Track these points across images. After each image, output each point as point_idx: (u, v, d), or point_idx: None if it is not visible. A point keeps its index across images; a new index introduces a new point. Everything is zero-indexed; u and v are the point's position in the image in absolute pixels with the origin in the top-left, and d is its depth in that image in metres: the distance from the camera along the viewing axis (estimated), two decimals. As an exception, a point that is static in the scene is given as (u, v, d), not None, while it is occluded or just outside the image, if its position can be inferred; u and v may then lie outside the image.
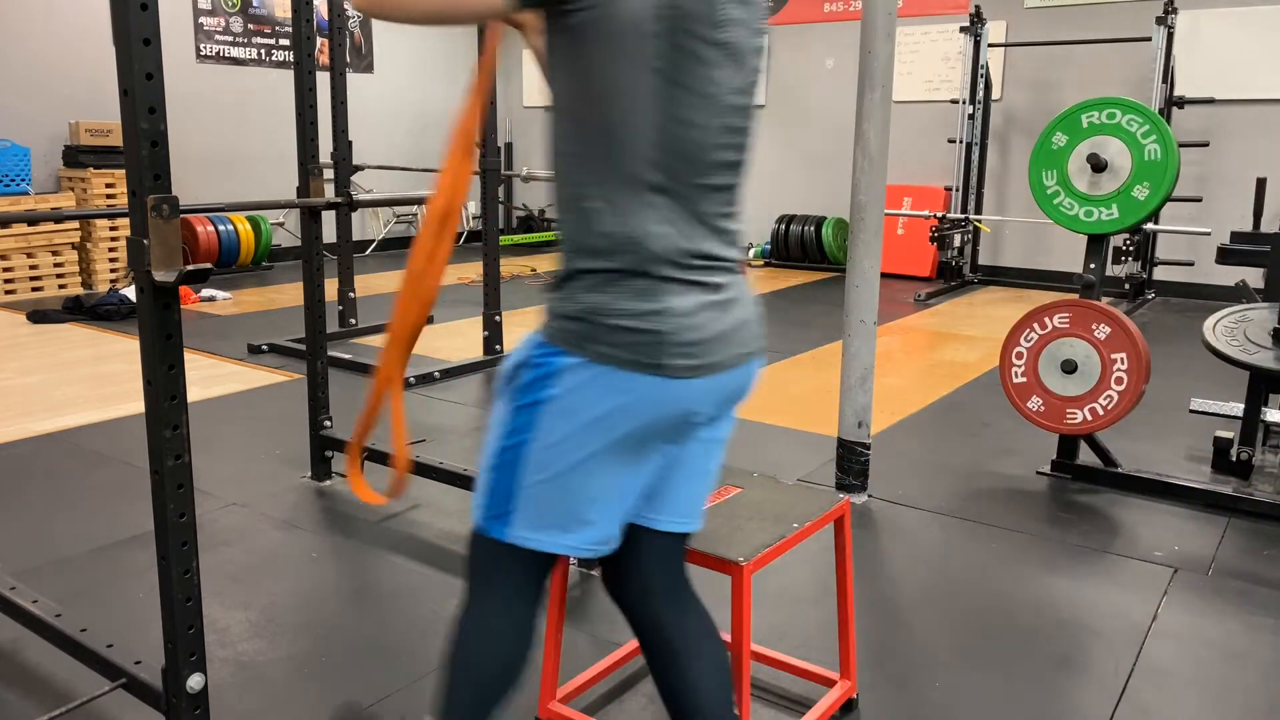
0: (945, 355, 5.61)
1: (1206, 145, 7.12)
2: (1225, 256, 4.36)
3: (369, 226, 9.83)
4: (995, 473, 3.64)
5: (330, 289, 3.88)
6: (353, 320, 5.88)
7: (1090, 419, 3.40)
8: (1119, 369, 3.33)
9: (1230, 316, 3.63)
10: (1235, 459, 3.50)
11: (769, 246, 9.30)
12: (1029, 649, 2.39)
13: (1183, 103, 7.17)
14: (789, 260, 9.14)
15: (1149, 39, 7.00)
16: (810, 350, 5.66)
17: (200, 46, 8.12)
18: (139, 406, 2.71)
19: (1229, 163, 7.30)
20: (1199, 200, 7.16)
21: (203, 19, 8.10)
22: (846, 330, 3.26)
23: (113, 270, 7.32)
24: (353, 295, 5.89)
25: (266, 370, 4.99)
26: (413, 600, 2.60)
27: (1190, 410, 3.91)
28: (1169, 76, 7.01)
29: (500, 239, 5.51)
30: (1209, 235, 5.59)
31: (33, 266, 6.92)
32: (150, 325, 1.53)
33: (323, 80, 3.45)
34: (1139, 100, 3.50)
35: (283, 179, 7.80)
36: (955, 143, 7.90)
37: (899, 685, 2.23)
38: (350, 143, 5.52)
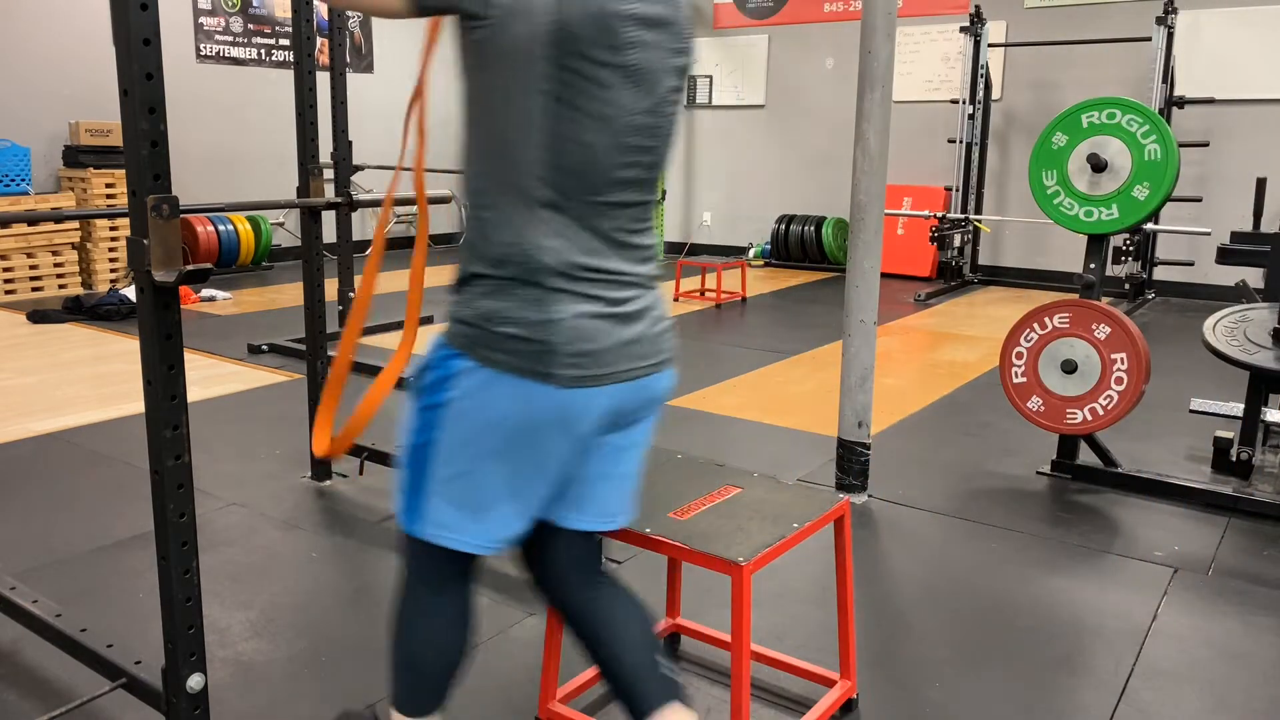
0: (945, 355, 5.61)
1: (1206, 145, 7.12)
2: (1225, 256, 4.36)
3: (369, 226, 9.83)
4: (995, 473, 3.64)
5: (330, 289, 3.88)
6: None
7: (1090, 419, 3.40)
8: (1119, 369, 3.33)
9: (1230, 316, 3.63)
10: (1235, 459, 3.50)
11: (769, 246, 9.30)
12: (1029, 649, 2.39)
13: (1183, 103, 7.17)
14: (789, 260, 9.14)
15: (1149, 39, 7.00)
16: (810, 350, 5.66)
17: (200, 46, 8.12)
18: (139, 406, 2.72)
19: (1229, 163, 7.30)
20: (1199, 200, 7.16)
21: (203, 19, 8.10)
22: (846, 330, 3.26)
23: (113, 270, 7.32)
24: (353, 295, 5.89)
25: (266, 370, 4.99)
26: (413, 600, 2.60)
27: (1190, 410, 3.91)
28: (1169, 76, 7.01)
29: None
30: (1209, 235, 5.60)
31: (33, 266, 6.92)
32: (150, 325, 1.53)
33: (323, 80, 3.45)
34: (1139, 100, 3.50)
35: (283, 179, 7.81)
36: (955, 143, 7.90)
37: (899, 685, 2.23)
38: (350, 143, 5.51)
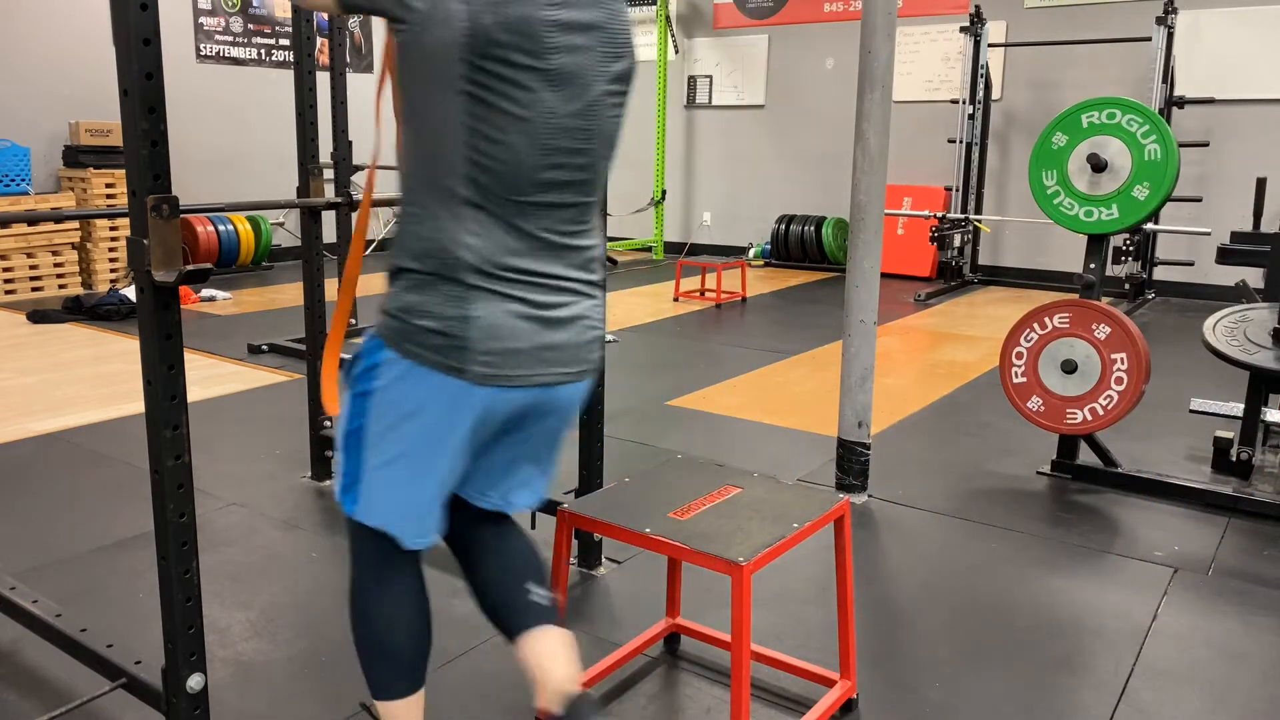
0: (945, 355, 5.61)
1: (1206, 145, 7.12)
2: (1225, 256, 4.36)
3: (369, 227, 9.82)
4: (995, 473, 3.64)
5: (330, 289, 3.87)
6: (353, 320, 5.88)
7: (1090, 419, 3.39)
8: (1119, 369, 3.33)
9: (1230, 316, 3.63)
10: (1235, 459, 3.50)
11: (769, 246, 9.30)
12: (1029, 649, 2.39)
13: (1183, 103, 7.17)
14: (789, 260, 9.14)
15: (1149, 39, 7.00)
16: (810, 350, 5.66)
17: (200, 46, 8.12)
18: (139, 406, 2.72)
19: (1229, 163, 7.30)
20: (1199, 200, 7.16)
21: (203, 19, 8.10)
22: (846, 330, 3.26)
23: (113, 270, 7.32)
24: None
25: (266, 370, 4.99)
26: (413, 600, 2.60)
27: (1190, 410, 3.91)
28: (1169, 76, 7.01)
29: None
30: (1209, 235, 5.59)
31: (33, 266, 6.92)
32: (150, 325, 1.53)
33: (323, 80, 3.44)
34: (1139, 100, 3.50)
35: (283, 179, 7.80)
36: (955, 143, 7.90)
37: (899, 685, 2.23)
38: (350, 143, 5.51)
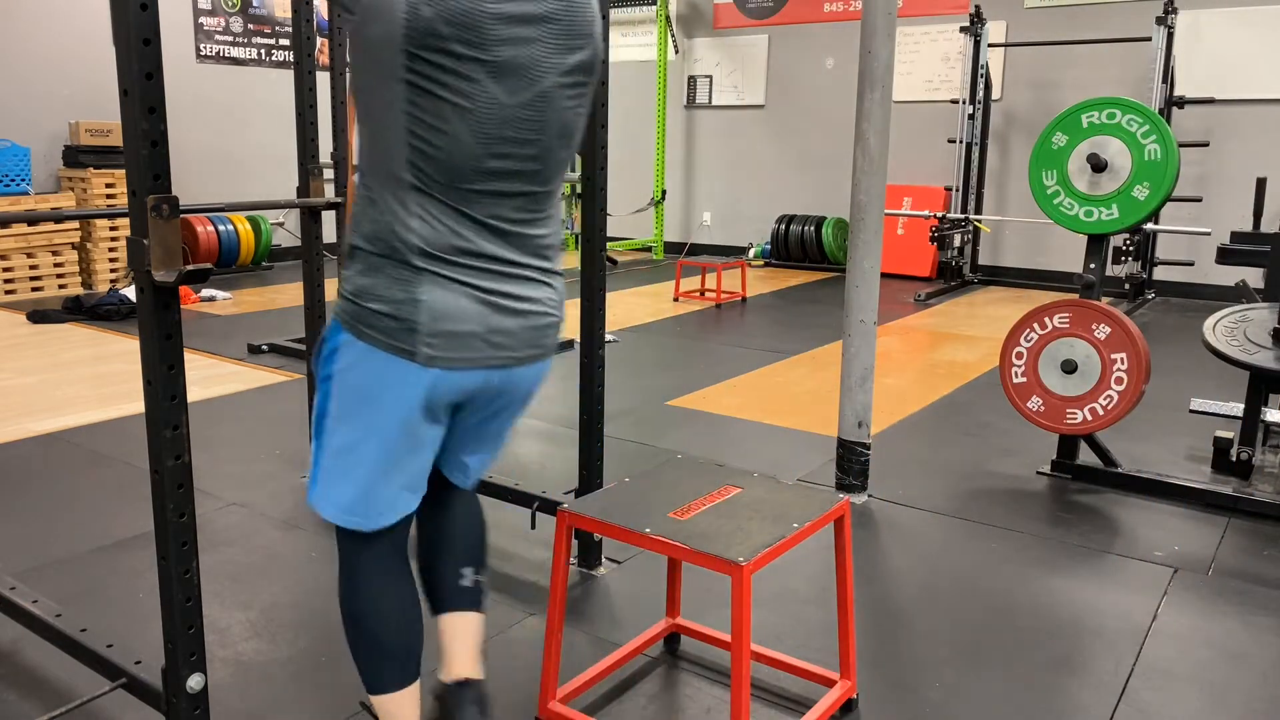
0: (945, 355, 5.61)
1: (1206, 145, 7.12)
2: (1225, 256, 4.36)
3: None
4: (995, 473, 3.64)
5: (330, 289, 3.87)
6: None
7: (1090, 419, 3.39)
8: (1119, 369, 3.33)
9: (1230, 316, 3.63)
10: (1235, 459, 3.50)
11: (769, 246, 9.30)
12: (1029, 649, 2.39)
13: (1183, 103, 7.17)
14: (789, 260, 9.14)
15: (1149, 39, 7.00)
16: (810, 350, 5.66)
17: (200, 46, 8.12)
18: (139, 406, 2.72)
19: (1229, 163, 7.30)
20: (1199, 200, 7.16)
21: (203, 19, 8.10)
22: (846, 330, 3.26)
23: (113, 270, 7.32)
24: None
25: (266, 370, 4.99)
26: (413, 600, 2.60)
27: (1190, 410, 3.91)
28: (1169, 76, 7.01)
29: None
30: (1209, 235, 5.59)
31: (33, 266, 6.92)
32: (150, 325, 1.53)
33: (323, 80, 3.44)
34: (1139, 100, 3.50)
35: (283, 179, 7.80)
36: (955, 143, 7.90)
37: (899, 685, 2.23)
38: (350, 143, 5.51)
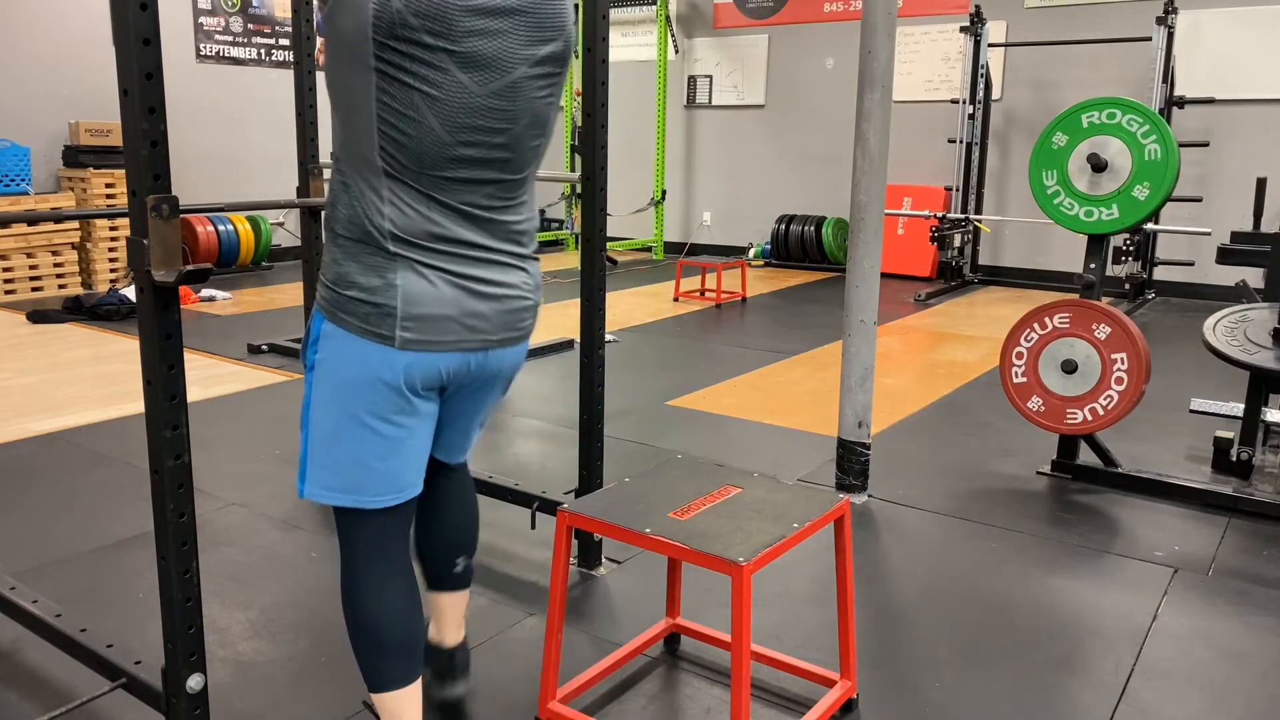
0: (945, 355, 5.61)
1: (1206, 145, 7.12)
2: (1225, 256, 4.36)
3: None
4: (995, 473, 3.64)
5: (330, 289, 3.88)
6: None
7: (1090, 419, 3.39)
8: (1119, 369, 3.33)
9: (1230, 316, 3.63)
10: (1235, 459, 3.50)
11: (769, 246, 9.30)
12: (1029, 649, 2.39)
13: (1183, 103, 7.17)
14: (789, 260, 9.14)
15: (1149, 39, 7.00)
16: (810, 350, 5.66)
17: (200, 46, 8.12)
18: (139, 406, 2.72)
19: (1229, 163, 7.30)
20: (1199, 200, 7.16)
21: (203, 19, 8.10)
22: (846, 330, 3.26)
23: (113, 270, 7.32)
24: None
25: (266, 370, 4.99)
26: (413, 600, 2.60)
27: (1190, 410, 3.91)
28: (1169, 76, 7.01)
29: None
30: (1209, 235, 5.60)
31: (33, 266, 6.92)
32: (150, 325, 1.53)
33: (322, 80, 3.45)
34: (1139, 100, 3.50)
35: (283, 179, 7.80)
36: (955, 143, 7.90)
37: (899, 685, 2.23)
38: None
